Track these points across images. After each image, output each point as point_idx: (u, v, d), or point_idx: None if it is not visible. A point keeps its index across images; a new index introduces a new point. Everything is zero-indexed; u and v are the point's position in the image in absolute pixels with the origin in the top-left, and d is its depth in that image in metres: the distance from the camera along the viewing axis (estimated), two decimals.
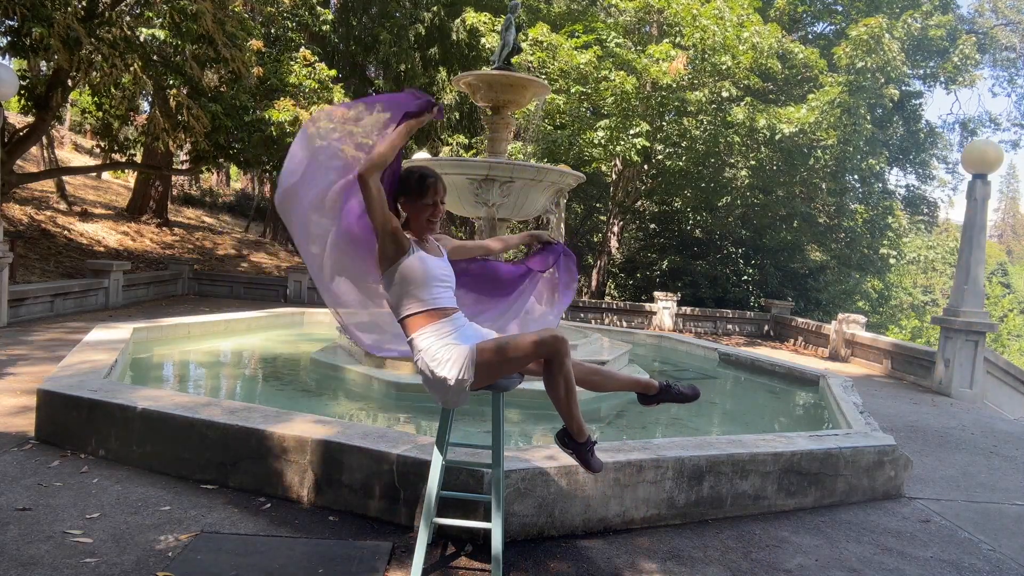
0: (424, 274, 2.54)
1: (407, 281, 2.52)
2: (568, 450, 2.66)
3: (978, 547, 3.50)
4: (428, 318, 2.53)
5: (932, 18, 15.80)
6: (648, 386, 2.84)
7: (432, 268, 2.57)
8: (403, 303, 2.55)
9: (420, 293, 2.53)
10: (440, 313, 2.54)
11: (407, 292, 2.53)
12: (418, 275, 2.53)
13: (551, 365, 2.48)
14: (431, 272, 2.56)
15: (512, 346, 2.46)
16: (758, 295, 17.45)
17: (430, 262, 2.58)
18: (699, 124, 14.22)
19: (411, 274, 2.52)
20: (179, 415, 3.60)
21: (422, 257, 2.56)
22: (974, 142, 8.96)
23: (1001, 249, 61.07)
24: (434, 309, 2.54)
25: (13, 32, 9.57)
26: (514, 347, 2.46)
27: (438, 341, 2.49)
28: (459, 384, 2.45)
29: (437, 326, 2.52)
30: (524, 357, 2.47)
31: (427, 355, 2.49)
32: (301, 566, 2.74)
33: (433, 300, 2.55)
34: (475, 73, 7.38)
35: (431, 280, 2.55)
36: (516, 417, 5.02)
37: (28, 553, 2.70)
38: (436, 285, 2.56)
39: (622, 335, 9.41)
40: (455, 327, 2.55)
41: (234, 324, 8.27)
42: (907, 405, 7.48)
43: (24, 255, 11.82)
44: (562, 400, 2.52)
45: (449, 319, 2.56)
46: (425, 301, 2.53)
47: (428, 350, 2.49)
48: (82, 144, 24.46)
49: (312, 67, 13.71)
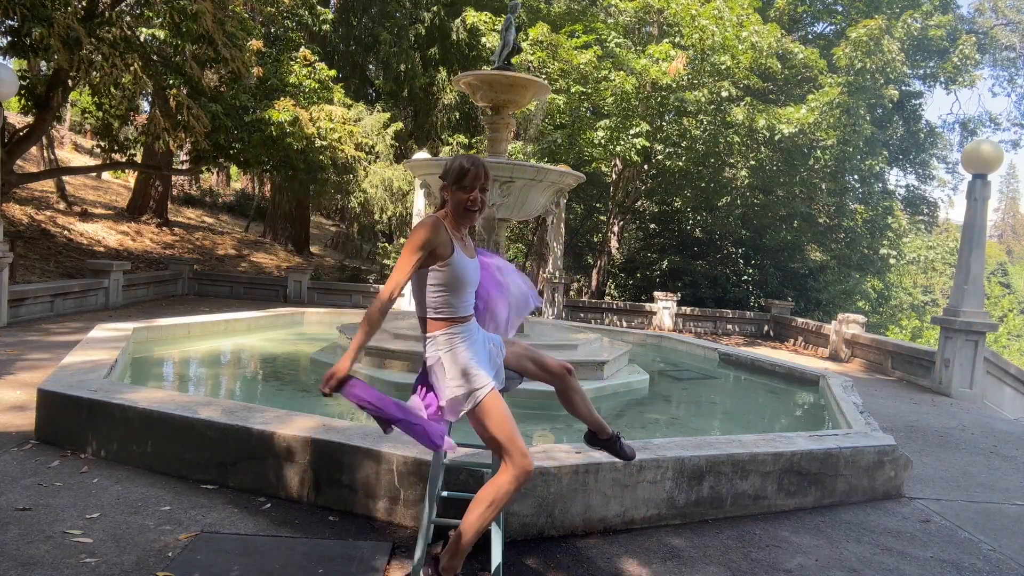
0: (466, 279, 2.51)
1: (448, 286, 2.48)
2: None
3: (978, 547, 3.50)
4: (458, 321, 2.51)
5: (932, 18, 15.79)
6: (603, 429, 2.87)
7: (472, 273, 2.55)
8: (435, 306, 2.50)
9: (455, 300, 2.50)
10: (464, 320, 2.53)
11: (443, 298, 2.49)
12: (461, 281, 2.49)
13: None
14: (472, 277, 2.54)
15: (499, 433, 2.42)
16: (758, 295, 17.45)
17: (471, 265, 2.55)
18: (699, 124, 14.22)
19: (456, 280, 2.48)
20: (179, 415, 3.60)
21: (464, 260, 2.52)
22: (974, 142, 8.96)
23: (1001, 249, 61.07)
24: (463, 316, 2.52)
25: (13, 32, 9.56)
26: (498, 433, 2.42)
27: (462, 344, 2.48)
28: (454, 403, 2.44)
29: (459, 328, 2.50)
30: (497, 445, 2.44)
31: (447, 357, 2.46)
32: (301, 566, 2.74)
33: (463, 307, 2.53)
34: (475, 73, 7.38)
35: (469, 285, 2.54)
36: (516, 417, 5.01)
37: (28, 553, 2.70)
38: (470, 291, 2.56)
39: (622, 335, 9.41)
40: (469, 333, 2.54)
41: (234, 324, 8.27)
42: (907, 405, 7.48)
43: (24, 255, 11.82)
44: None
45: (468, 324, 2.55)
46: (455, 307, 2.51)
47: (451, 350, 2.47)
48: (82, 144, 24.46)
49: (312, 67, 13.71)
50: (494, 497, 2.40)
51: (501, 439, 2.41)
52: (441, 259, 2.46)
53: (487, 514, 2.41)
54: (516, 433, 2.44)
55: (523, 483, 2.41)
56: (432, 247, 2.43)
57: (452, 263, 2.46)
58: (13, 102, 14.85)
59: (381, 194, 16.73)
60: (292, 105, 12.42)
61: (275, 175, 15.50)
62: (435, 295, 2.49)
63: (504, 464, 2.41)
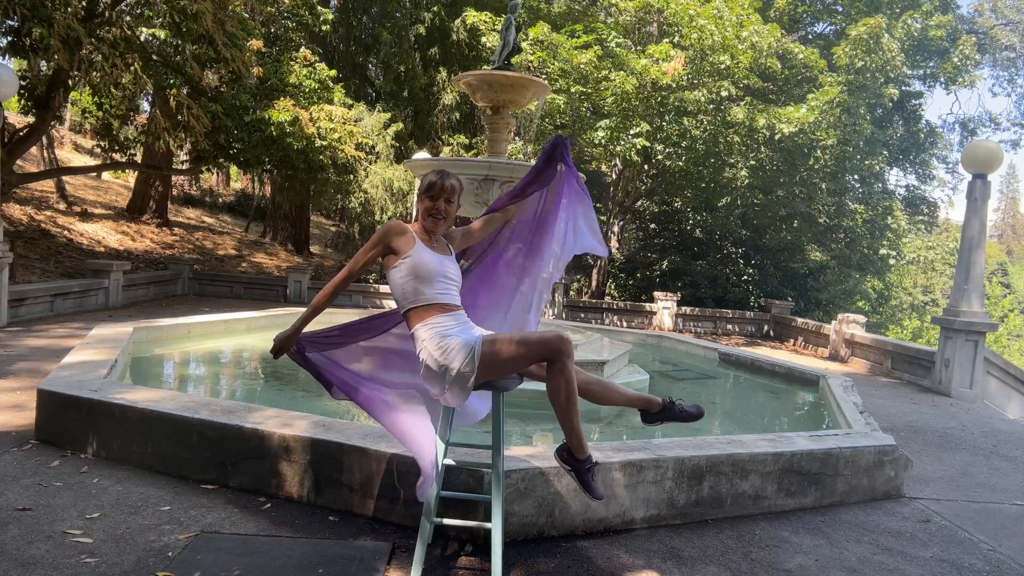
0: (429, 270, 2.62)
1: (413, 276, 2.61)
2: (567, 467, 2.61)
3: (978, 547, 3.50)
4: (433, 311, 2.58)
5: (932, 18, 15.79)
6: (650, 403, 2.79)
7: (438, 264, 2.65)
8: (408, 297, 2.62)
9: (425, 288, 2.61)
10: (444, 308, 2.61)
11: (412, 287, 2.61)
12: (423, 271, 2.61)
13: (553, 366, 2.47)
14: (436, 268, 2.64)
15: (516, 343, 2.49)
16: (758, 295, 17.45)
17: (436, 259, 2.67)
18: (699, 124, 14.21)
19: (417, 269, 2.61)
20: (179, 415, 3.60)
21: (428, 254, 2.66)
22: (974, 142, 8.96)
23: (1001, 249, 61.06)
24: (439, 304, 2.60)
25: (13, 32, 9.56)
26: (518, 343, 2.49)
27: (442, 331, 2.54)
28: (460, 376, 2.46)
29: (441, 318, 2.58)
30: (527, 355, 2.49)
31: (431, 344, 2.53)
32: (301, 566, 2.74)
33: (438, 295, 2.62)
34: (475, 73, 7.38)
35: (436, 275, 2.63)
36: (516, 417, 5.02)
37: (28, 553, 2.70)
38: (440, 281, 2.64)
39: (622, 335, 9.41)
40: (458, 323, 2.60)
41: (234, 324, 8.27)
42: (907, 405, 7.47)
43: (24, 255, 11.82)
44: (562, 405, 2.49)
45: (452, 315, 2.61)
46: (430, 296, 2.61)
47: (432, 339, 2.53)
48: (82, 144, 24.44)
49: (312, 67, 13.71)
50: (558, 378, 2.47)
51: (521, 352, 2.48)
52: (401, 255, 2.64)
53: (569, 405, 2.49)
54: (527, 337, 2.54)
55: (564, 344, 2.46)
56: (387, 243, 2.66)
57: (412, 255, 2.63)
58: (13, 102, 14.86)
59: (381, 194, 16.74)
60: (292, 105, 12.42)
61: (275, 175, 15.51)
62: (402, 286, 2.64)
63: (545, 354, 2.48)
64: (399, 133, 17.67)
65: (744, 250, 18.62)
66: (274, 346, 2.68)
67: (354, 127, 14.04)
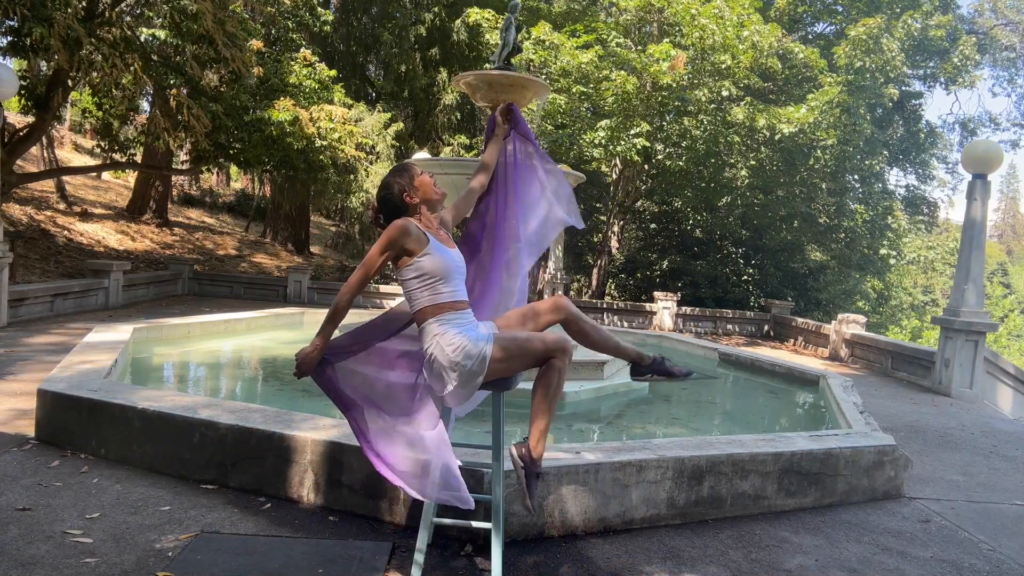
0: (449, 267, 2.59)
1: (430, 275, 2.57)
2: (521, 464, 2.57)
3: (978, 547, 3.50)
4: (445, 308, 2.57)
5: (932, 18, 15.79)
6: (641, 357, 2.80)
7: (452, 261, 2.63)
8: (424, 295, 2.57)
9: (442, 286, 2.58)
10: (456, 305, 2.59)
11: (429, 285, 2.57)
12: (441, 269, 2.57)
13: (552, 362, 2.51)
14: (453, 265, 2.62)
15: (525, 343, 2.51)
16: (758, 295, 17.46)
17: (450, 254, 2.63)
18: (699, 124, 14.21)
19: (435, 269, 2.57)
20: (179, 415, 3.60)
21: (442, 251, 2.61)
22: (974, 142, 8.96)
23: (1001, 249, 61.06)
24: (453, 302, 2.59)
25: (13, 32, 9.56)
26: (527, 344, 2.51)
27: (455, 329, 2.53)
28: (470, 375, 2.47)
29: (453, 315, 2.56)
30: (534, 356, 2.51)
31: (443, 339, 2.51)
32: (301, 566, 2.74)
33: (453, 293, 2.60)
34: (475, 73, 7.38)
35: (453, 273, 2.61)
36: (516, 417, 5.02)
37: (28, 553, 2.70)
38: (456, 278, 2.63)
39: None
40: (468, 321, 2.60)
41: (234, 324, 8.27)
42: (907, 405, 7.47)
43: (24, 255, 11.82)
44: (547, 401, 2.53)
45: (462, 312, 2.61)
46: (445, 294, 2.58)
47: (446, 334, 2.51)
48: (82, 144, 24.44)
49: (312, 67, 13.71)
50: (551, 373, 2.50)
51: (529, 353, 2.50)
52: (415, 254, 2.57)
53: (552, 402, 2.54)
54: (533, 337, 2.53)
55: (569, 346, 2.51)
56: (401, 244, 2.55)
57: (428, 254, 2.57)
58: (13, 102, 14.87)
59: None
60: (292, 105, 12.42)
61: (275, 175, 15.50)
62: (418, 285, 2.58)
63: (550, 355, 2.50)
64: (399, 133, 17.68)
65: (744, 250, 18.64)
66: (296, 365, 2.53)
67: (354, 127, 14.05)
